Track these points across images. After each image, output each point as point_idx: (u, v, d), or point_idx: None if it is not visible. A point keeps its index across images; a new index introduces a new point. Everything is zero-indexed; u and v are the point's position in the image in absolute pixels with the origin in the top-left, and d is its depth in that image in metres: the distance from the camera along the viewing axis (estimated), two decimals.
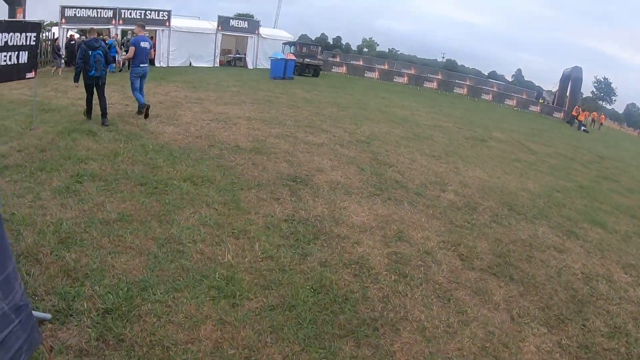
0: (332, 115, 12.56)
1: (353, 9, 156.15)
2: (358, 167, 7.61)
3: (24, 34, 7.60)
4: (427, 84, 38.55)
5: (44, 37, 22.66)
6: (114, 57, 19.89)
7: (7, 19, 7.40)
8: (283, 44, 30.43)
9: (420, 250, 4.84)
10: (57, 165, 6.07)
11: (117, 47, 19.77)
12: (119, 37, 21.98)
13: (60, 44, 21.37)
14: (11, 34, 7.32)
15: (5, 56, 7.28)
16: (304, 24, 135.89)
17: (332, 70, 37.24)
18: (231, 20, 28.78)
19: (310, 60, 28.82)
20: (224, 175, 6.18)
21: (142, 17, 23.73)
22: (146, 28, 22.52)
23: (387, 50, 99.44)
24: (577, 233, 6.33)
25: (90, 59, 8.26)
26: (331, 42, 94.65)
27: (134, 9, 23.71)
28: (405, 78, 38.69)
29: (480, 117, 20.91)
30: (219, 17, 27.69)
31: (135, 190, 5.38)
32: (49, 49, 22.77)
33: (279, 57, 23.64)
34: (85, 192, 5.22)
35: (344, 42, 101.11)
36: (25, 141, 7.24)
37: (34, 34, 7.90)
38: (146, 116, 9.17)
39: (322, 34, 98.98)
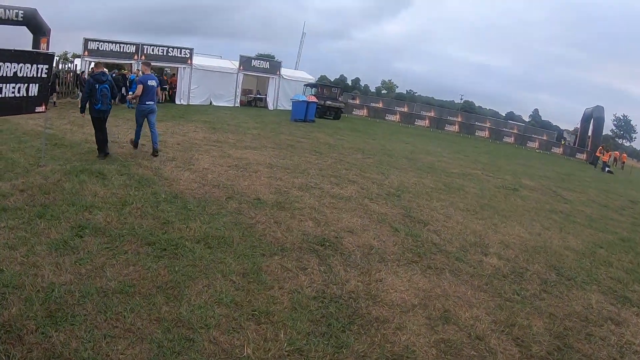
0: (358, 163, 12.00)
1: (371, 50, 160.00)
2: (391, 226, 6.94)
3: (35, 65, 7.30)
4: (448, 127, 38.29)
5: (66, 68, 22.92)
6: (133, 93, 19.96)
7: (19, 48, 6.94)
8: (304, 85, 30.46)
9: (471, 336, 4.10)
10: (59, 213, 5.59)
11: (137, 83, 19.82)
12: (140, 72, 22.05)
13: (86, 76, 21.56)
14: (21, 64, 7.02)
15: (13, 88, 6.98)
16: (323, 65, 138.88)
17: (353, 112, 37.19)
18: (253, 60, 28.98)
19: (331, 102, 28.66)
20: (243, 235, 5.55)
21: (165, 53, 23.99)
22: (168, 65, 22.56)
23: (405, 92, 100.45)
24: (630, 298, 5.61)
25: (97, 93, 8.40)
26: (350, 84, 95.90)
27: (156, 46, 24.02)
28: (427, 121, 38.52)
29: (506, 162, 20.29)
30: (241, 56, 27.92)
31: (141, 251, 4.77)
32: (70, 81, 23.02)
33: (300, 99, 23.46)
34: (85, 249, 4.65)
35: (362, 83, 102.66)
36: (31, 179, 6.89)
37: (46, 66, 7.60)
38: (135, 146, 9.74)
39: (341, 75, 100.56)
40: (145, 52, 23.32)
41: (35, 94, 7.50)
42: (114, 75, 21.40)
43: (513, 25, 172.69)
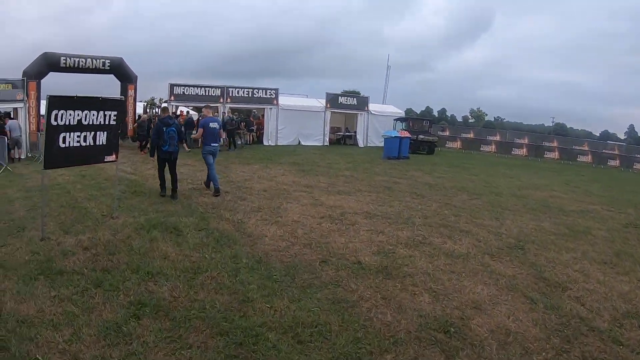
0: (465, 206, 10.33)
1: (454, 79, 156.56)
2: (525, 295, 5.25)
3: (101, 112, 6.87)
4: (547, 154, 34.83)
5: (154, 113, 23.60)
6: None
7: (84, 95, 6.45)
8: (394, 120, 29.15)
9: None
10: (120, 282, 4.75)
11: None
12: (227, 114, 22.08)
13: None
14: (86, 111, 6.59)
15: (78, 137, 6.53)
16: (407, 98, 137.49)
17: (446, 145, 35.13)
18: (340, 97, 28.36)
19: (424, 136, 27.04)
20: (343, 321, 4.20)
21: (250, 95, 24.09)
22: (255, 106, 22.43)
23: (493, 119, 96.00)
24: None
25: (164, 135, 8.83)
26: (436, 115, 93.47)
27: (241, 88, 24.25)
28: (524, 150, 35.30)
29: (620, 192, 17.11)
30: (327, 94, 27.38)
31: (209, 344, 3.63)
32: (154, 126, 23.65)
33: (392, 135, 22.15)
34: (140, 339, 3.66)
35: (449, 113, 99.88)
36: (99, 234, 6.35)
37: (114, 112, 7.14)
38: (207, 186, 10.05)
39: (427, 107, 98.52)
40: (230, 94, 23.57)
41: (104, 143, 7.06)
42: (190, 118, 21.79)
43: (595, 39, 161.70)
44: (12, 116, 17.94)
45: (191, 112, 29.73)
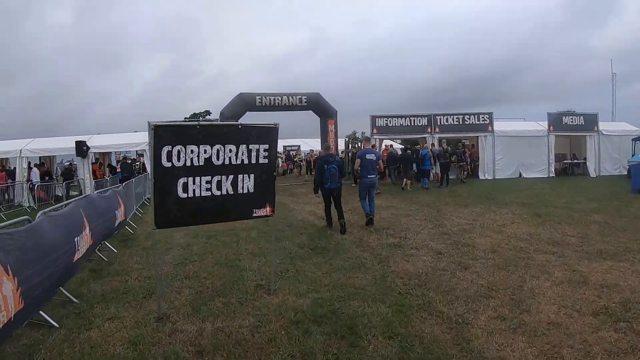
0: None
1: None
2: None
3: (244, 147, 4.91)
4: None
5: (357, 147, 22.29)
6: (428, 170, 17.29)
7: (207, 121, 4.43)
8: (633, 140, 22.18)
9: None
10: None
11: (431, 160, 17.16)
12: (436, 146, 19.44)
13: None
14: (218, 146, 4.70)
15: (208, 183, 4.78)
16: (634, 112, 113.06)
17: None
18: (563, 117, 22.97)
19: None
20: None
21: (460, 122, 21.06)
22: (467, 135, 19.34)
23: None
24: None
25: (325, 173, 8.96)
26: None
27: (450, 114, 21.28)
28: None
29: None
30: (549, 114, 22.08)
31: None
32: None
33: None
34: None
35: None
36: (234, 323, 4.49)
37: (264, 146, 5.08)
38: (367, 224, 9.34)
39: None
40: (438, 123, 20.90)
41: (250, 190, 5.17)
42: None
43: None
44: None
45: (395, 144, 27.87)
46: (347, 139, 23.24)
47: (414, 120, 21.03)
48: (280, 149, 45.29)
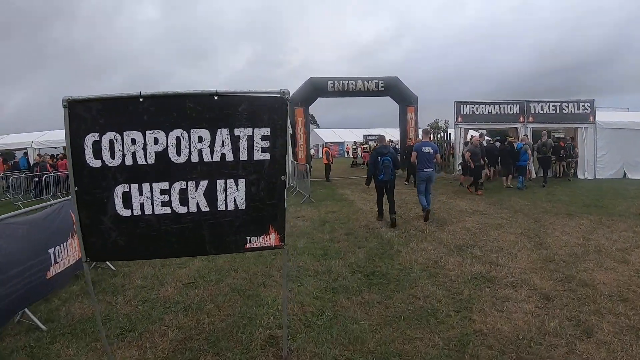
0: None
1: None
2: None
3: (224, 132, 3.27)
4: None
5: (440, 138, 20.60)
6: (524, 167, 15.15)
7: (174, 92, 2.96)
8: None
9: None
10: None
11: (528, 152, 15.03)
12: (529, 138, 17.32)
13: (457, 148, 18.68)
14: (180, 131, 3.21)
15: (163, 194, 3.26)
16: None
17: None
18: None
19: None
20: None
21: (557, 111, 18.61)
22: (562, 127, 17.09)
23: None
24: None
25: (379, 164, 8.98)
26: None
27: (545, 102, 18.85)
28: None
29: None
30: None
31: None
32: (449, 153, 20.58)
33: None
34: None
35: None
36: None
37: (264, 131, 3.35)
38: (426, 219, 9.27)
39: None
40: (532, 112, 18.63)
41: (240, 206, 3.41)
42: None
43: None
44: None
45: (486, 137, 25.61)
46: (428, 128, 21.63)
47: (505, 107, 18.84)
48: (360, 138, 44.32)
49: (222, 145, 3.28)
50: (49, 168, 17.65)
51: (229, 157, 3.31)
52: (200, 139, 3.22)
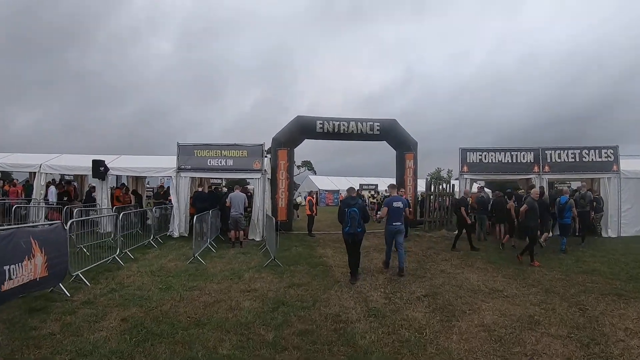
0: None
1: None
2: None
3: None
4: None
5: (440, 190, 17.85)
6: (569, 225, 12.34)
7: None
8: None
9: None
10: None
11: (574, 209, 12.46)
12: (545, 190, 14.52)
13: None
14: None
15: None
16: None
17: None
18: None
19: None
20: None
21: (577, 159, 15.97)
22: (579, 177, 16.64)
23: None
24: None
25: (345, 216, 8.36)
26: None
27: (564, 149, 16.20)
28: None
29: None
30: None
31: None
32: (446, 206, 17.82)
33: None
34: None
35: None
36: None
37: None
38: (385, 266, 9.42)
39: None
40: (548, 159, 16.00)
41: None
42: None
43: None
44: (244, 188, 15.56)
45: (487, 189, 22.79)
46: (428, 178, 18.87)
47: (517, 155, 16.21)
48: (356, 186, 41.76)
49: None
50: None
51: None
52: None
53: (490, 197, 15.90)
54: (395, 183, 13.20)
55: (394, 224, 9.20)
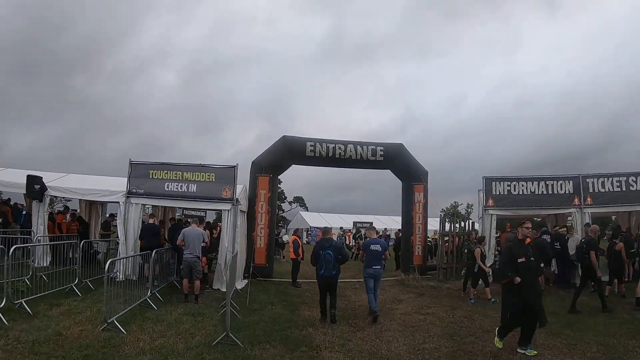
0: None
1: None
2: None
3: None
4: None
5: (456, 229, 14.41)
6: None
7: None
8: None
9: None
10: None
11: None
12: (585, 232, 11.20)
13: (489, 243, 12.54)
14: None
15: None
16: None
17: None
18: None
19: None
20: None
21: (624, 187, 12.67)
22: (618, 210, 13.70)
23: None
24: None
25: (320, 258, 8.02)
26: None
27: (608, 176, 12.94)
28: None
29: None
30: None
31: None
32: (454, 247, 14.40)
33: None
34: None
35: None
36: None
37: None
38: (374, 321, 8.15)
39: None
40: (591, 189, 12.73)
41: None
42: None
43: None
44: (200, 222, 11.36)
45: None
46: (442, 215, 15.38)
47: (553, 186, 12.94)
48: (349, 224, 38.51)
49: None
50: None
51: None
52: None
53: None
54: (374, 225, 11.79)
55: (373, 267, 8.72)
